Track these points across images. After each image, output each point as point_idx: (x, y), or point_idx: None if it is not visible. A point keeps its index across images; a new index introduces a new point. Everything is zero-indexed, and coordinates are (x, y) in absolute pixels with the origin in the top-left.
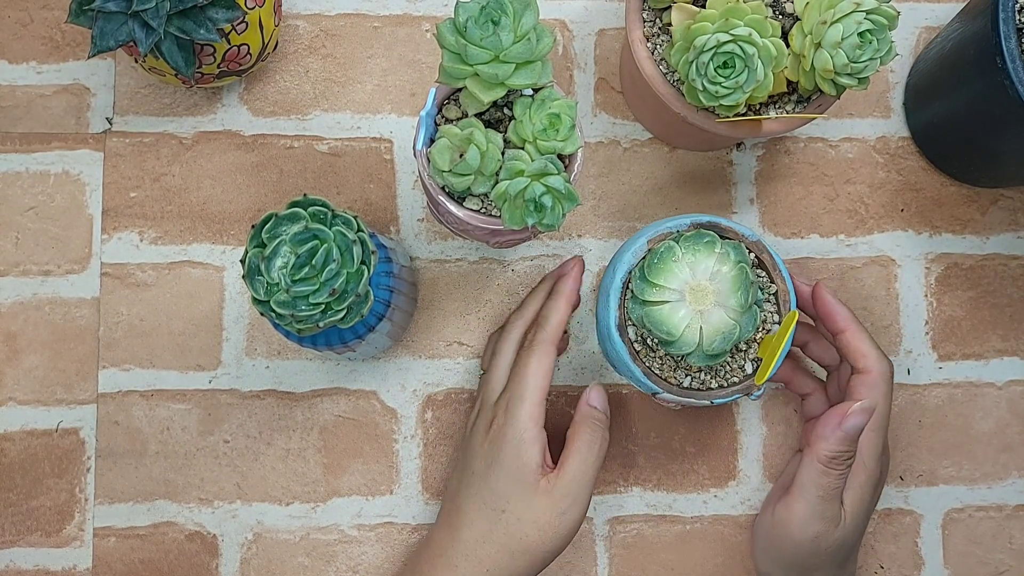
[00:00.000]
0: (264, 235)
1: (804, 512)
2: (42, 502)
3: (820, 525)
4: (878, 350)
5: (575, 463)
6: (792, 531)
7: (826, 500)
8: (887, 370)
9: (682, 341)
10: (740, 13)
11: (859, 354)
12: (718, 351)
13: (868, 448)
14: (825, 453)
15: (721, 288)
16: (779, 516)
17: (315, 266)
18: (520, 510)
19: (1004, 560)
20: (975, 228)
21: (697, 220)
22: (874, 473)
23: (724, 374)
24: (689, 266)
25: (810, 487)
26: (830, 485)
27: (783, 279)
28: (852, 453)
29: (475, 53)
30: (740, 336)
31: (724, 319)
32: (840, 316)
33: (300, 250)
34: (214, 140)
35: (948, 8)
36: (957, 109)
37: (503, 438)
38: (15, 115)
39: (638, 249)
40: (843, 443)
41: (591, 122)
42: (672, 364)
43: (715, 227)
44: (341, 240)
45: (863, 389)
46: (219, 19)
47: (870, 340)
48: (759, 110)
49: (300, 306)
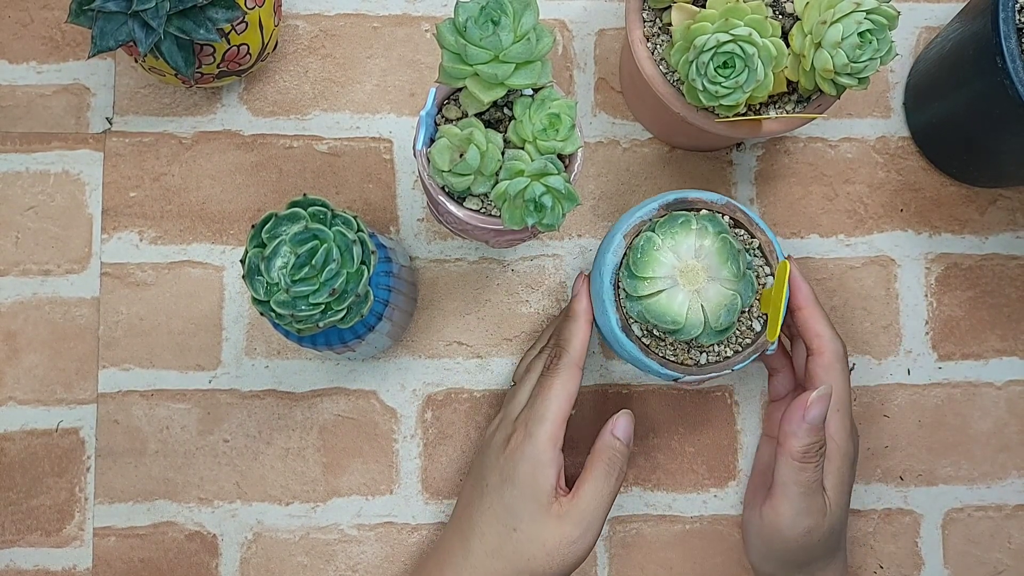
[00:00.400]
0: (264, 235)
1: (791, 511)
2: (42, 501)
3: (809, 520)
4: (832, 330)
5: (589, 493)
6: (783, 531)
7: (809, 494)
8: (840, 350)
9: (688, 325)
10: (740, 13)
11: (813, 334)
12: (726, 324)
13: (837, 430)
14: (797, 449)
15: (710, 263)
16: (767, 518)
17: (315, 266)
18: (531, 531)
19: (1003, 560)
20: (974, 228)
21: (664, 201)
22: (848, 453)
23: (736, 339)
24: (671, 250)
25: (791, 485)
26: (809, 479)
27: (762, 231)
28: (822, 442)
29: (475, 53)
30: (743, 303)
31: (722, 292)
32: (801, 293)
33: (300, 250)
34: (214, 140)
35: (948, 8)
36: (957, 109)
37: (520, 456)
38: (15, 115)
39: (617, 247)
40: (811, 434)
41: (591, 122)
42: (684, 347)
43: (684, 203)
44: (341, 240)
45: (820, 372)
46: (219, 19)
47: (825, 320)
48: (759, 110)
49: (300, 306)
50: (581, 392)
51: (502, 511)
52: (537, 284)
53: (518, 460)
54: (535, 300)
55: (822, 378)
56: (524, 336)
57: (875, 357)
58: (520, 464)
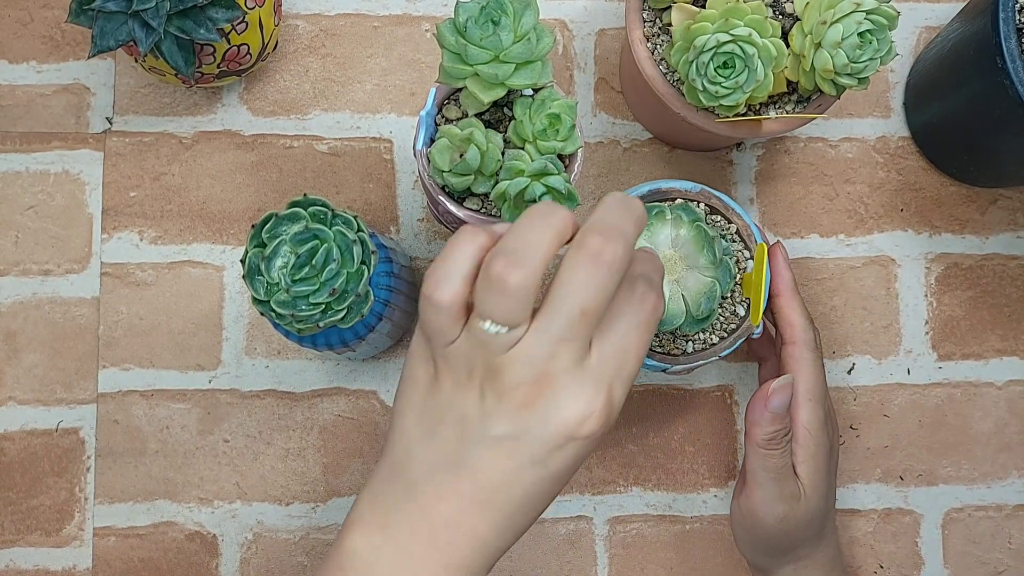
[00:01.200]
0: (264, 235)
1: (763, 498)
2: (42, 501)
3: (783, 505)
4: (805, 319)
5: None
6: (760, 518)
7: (779, 480)
8: (811, 339)
9: (670, 315)
10: (740, 13)
11: (787, 323)
12: (707, 312)
13: (809, 417)
14: (761, 437)
15: (686, 252)
16: (744, 508)
17: (315, 266)
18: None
19: (1003, 560)
20: (974, 228)
21: (638, 193)
22: (822, 441)
23: (721, 325)
24: (648, 241)
25: (760, 472)
26: (777, 465)
27: (738, 215)
28: (786, 429)
29: (475, 53)
30: (722, 290)
31: (701, 279)
32: (781, 280)
33: (300, 250)
34: (214, 140)
35: (948, 8)
36: (957, 109)
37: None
38: (15, 114)
39: None
40: (773, 423)
41: (591, 122)
42: (670, 337)
43: (658, 194)
44: (341, 240)
45: (790, 361)
46: (219, 19)
47: (800, 308)
48: (759, 110)
49: (300, 306)
50: None
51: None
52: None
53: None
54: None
55: (792, 367)
56: None
57: (875, 357)
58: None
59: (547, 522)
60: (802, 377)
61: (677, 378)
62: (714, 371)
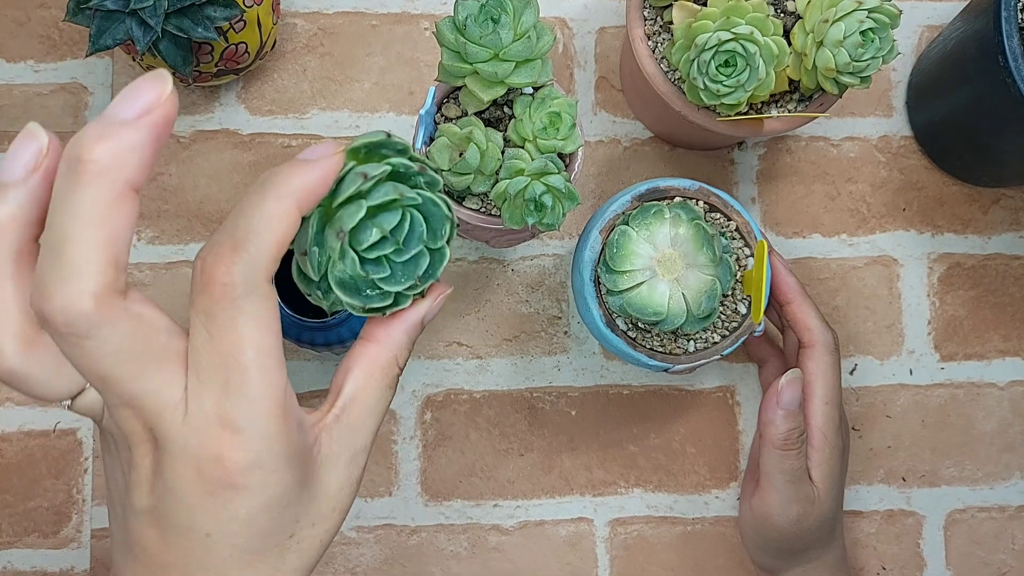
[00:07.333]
0: None
1: (778, 499)
2: (39, 503)
3: (797, 507)
4: (822, 322)
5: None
6: (773, 520)
7: (795, 482)
8: (830, 341)
9: (671, 315)
10: (741, 11)
11: (803, 327)
12: (708, 311)
13: (824, 421)
14: (776, 436)
15: (686, 250)
16: (757, 509)
17: (400, 244)
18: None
19: (1006, 561)
20: (977, 228)
21: (636, 192)
22: (836, 444)
23: (723, 324)
24: (647, 241)
25: (775, 474)
26: (792, 467)
27: (737, 212)
28: (801, 429)
29: (475, 51)
30: (722, 288)
31: (701, 278)
32: (788, 287)
33: (388, 224)
34: (212, 139)
35: (950, 7)
36: (959, 108)
37: None
38: (12, 114)
39: (593, 243)
40: (787, 420)
41: (591, 121)
42: (671, 336)
43: (656, 192)
44: (431, 208)
45: (809, 364)
46: (217, 17)
47: (814, 312)
48: (760, 109)
49: (366, 291)
50: (581, 392)
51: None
52: (537, 284)
53: None
54: (535, 300)
55: (811, 369)
56: (524, 336)
57: (877, 357)
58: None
59: (547, 524)
60: (820, 381)
61: (678, 378)
62: (715, 371)
